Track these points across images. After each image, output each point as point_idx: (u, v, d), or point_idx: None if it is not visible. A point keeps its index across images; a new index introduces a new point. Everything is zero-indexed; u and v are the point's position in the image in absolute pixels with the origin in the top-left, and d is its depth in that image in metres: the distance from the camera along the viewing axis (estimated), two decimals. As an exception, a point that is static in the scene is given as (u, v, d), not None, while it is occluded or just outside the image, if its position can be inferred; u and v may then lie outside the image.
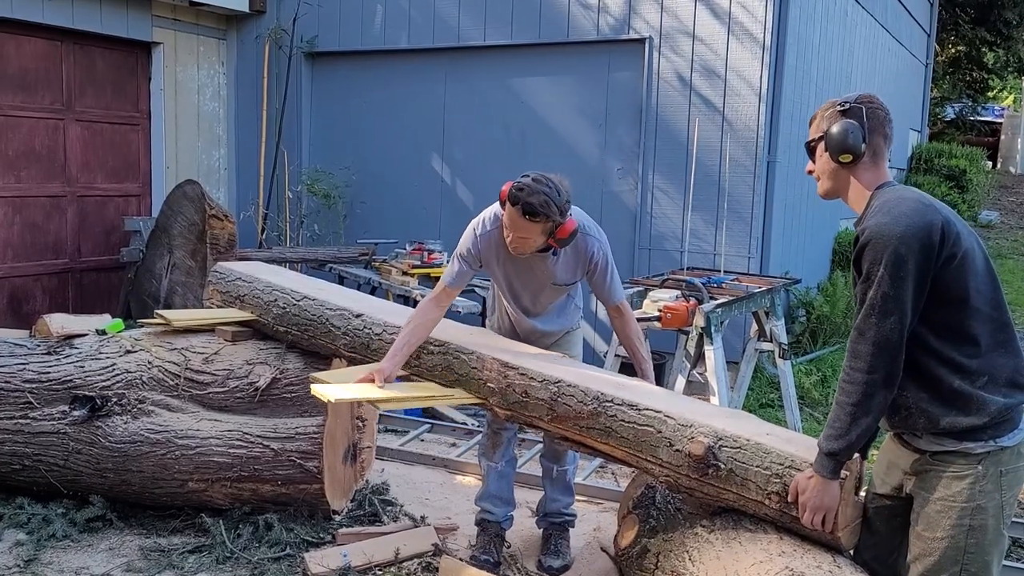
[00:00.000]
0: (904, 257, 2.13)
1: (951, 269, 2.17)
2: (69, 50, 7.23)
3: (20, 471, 3.71)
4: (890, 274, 2.14)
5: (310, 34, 8.05)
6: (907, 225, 2.15)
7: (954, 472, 2.19)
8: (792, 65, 6.87)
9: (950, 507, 2.19)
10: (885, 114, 2.39)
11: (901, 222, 2.16)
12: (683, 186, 6.61)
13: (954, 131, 18.54)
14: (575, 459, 3.67)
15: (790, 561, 2.42)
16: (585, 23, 6.98)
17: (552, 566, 3.50)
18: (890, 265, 2.14)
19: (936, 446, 2.22)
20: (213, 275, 4.06)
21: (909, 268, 2.14)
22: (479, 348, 3.22)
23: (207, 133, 8.39)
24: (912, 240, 2.14)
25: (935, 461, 2.23)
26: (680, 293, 4.84)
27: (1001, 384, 2.19)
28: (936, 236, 2.15)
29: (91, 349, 3.84)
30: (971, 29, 16.83)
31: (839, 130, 2.31)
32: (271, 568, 3.30)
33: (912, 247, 2.14)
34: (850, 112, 2.34)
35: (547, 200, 2.97)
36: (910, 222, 2.16)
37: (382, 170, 7.93)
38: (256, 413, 3.65)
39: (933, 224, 2.16)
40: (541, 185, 2.99)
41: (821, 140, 2.38)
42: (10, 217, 6.96)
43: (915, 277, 2.14)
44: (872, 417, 2.22)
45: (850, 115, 2.34)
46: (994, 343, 2.21)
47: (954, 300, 2.19)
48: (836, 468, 2.30)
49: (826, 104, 2.44)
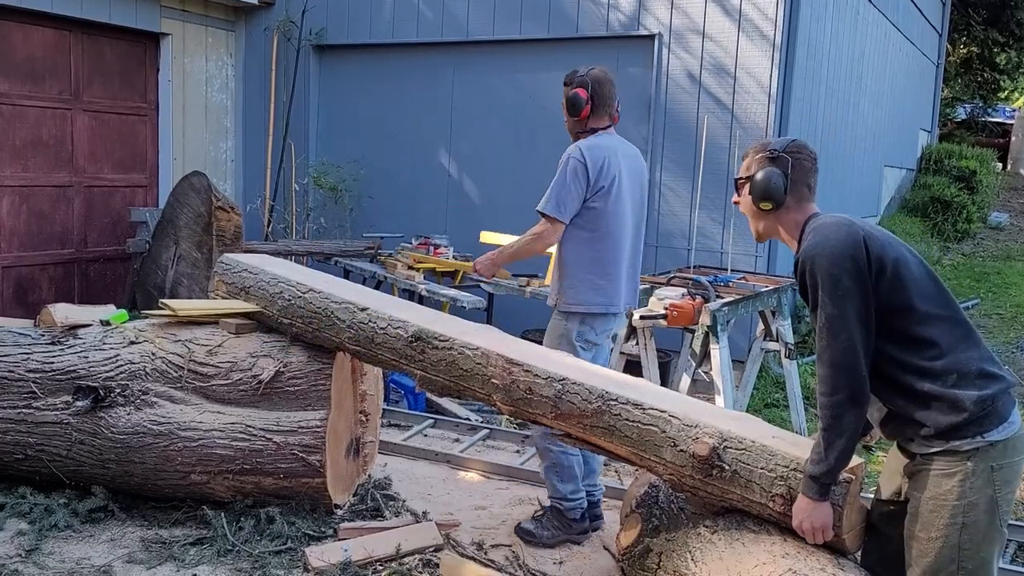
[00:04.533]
0: (837, 276, 2.20)
1: (885, 279, 2.23)
2: (77, 40, 7.22)
3: (23, 461, 3.71)
4: (829, 295, 2.21)
5: (319, 26, 8.03)
6: (833, 245, 2.23)
7: (943, 470, 2.21)
8: (802, 64, 6.83)
9: (942, 506, 2.20)
10: (812, 164, 2.47)
11: (827, 243, 2.24)
12: (691, 184, 6.59)
13: (965, 132, 18.45)
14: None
15: (793, 563, 2.41)
16: (595, 19, 6.95)
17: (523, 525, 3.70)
18: (827, 286, 2.22)
19: (925, 447, 2.25)
20: (219, 266, 4.04)
21: (845, 285, 2.20)
22: (484, 344, 3.21)
23: (214, 125, 8.39)
24: (840, 258, 2.21)
25: (925, 461, 2.25)
26: (686, 291, 4.82)
27: (973, 377, 2.21)
28: (861, 250, 2.22)
29: (95, 340, 3.84)
30: (983, 30, 16.73)
31: (763, 178, 2.41)
32: (272, 561, 3.29)
33: (843, 265, 2.21)
34: (778, 160, 2.42)
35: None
36: (835, 242, 2.23)
37: (389, 164, 7.92)
38: (259, 406, 3.63)
39: (856, 239, 2.23)
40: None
41: (747, 182, 2.47)
42: (17, 206, 6.97)
43: (855, 292, 2.20)
44: (846, 438, 2.25)
45: (777, 163, 2.41)
46: (954, 340, 2.24)
47: (899, 309, 2.24)
48: (821, 490, 2.33)
49: (758, 145, 2.51)
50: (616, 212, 3.59)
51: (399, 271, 6.30)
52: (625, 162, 3.65)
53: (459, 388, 3.27)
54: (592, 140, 3.61)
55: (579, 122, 3.66)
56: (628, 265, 3.70)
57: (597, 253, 3.58)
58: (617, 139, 3.70)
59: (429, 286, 6.04)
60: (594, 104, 3.64)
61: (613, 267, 3.62)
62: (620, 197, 3.60)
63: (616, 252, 3.62)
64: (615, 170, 3.57)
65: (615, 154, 3.60)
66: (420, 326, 3.35)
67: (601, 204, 3.55)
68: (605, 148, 3.58)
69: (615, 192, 3.57)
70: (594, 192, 3.53)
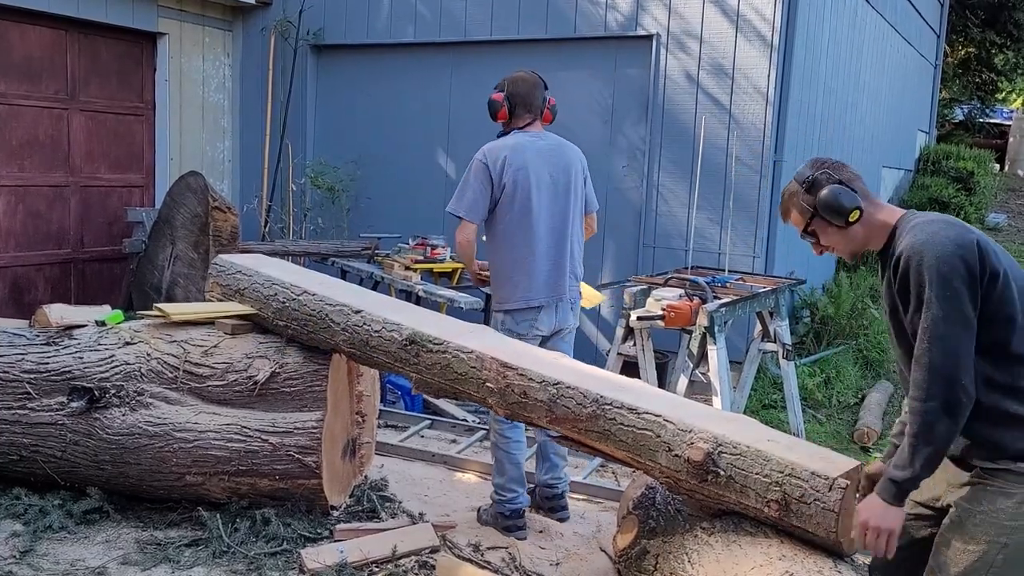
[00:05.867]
0: (948, 276, 2.07)
1: (996, 288, 2.11)
2: (74, 39, 7.21)
3: (17, 462, 3.70)
4: (937, 295, 2.08)
5: (316, 26, 8.02)
6: (943, 243, 2.10)
7: (1002, 489, 2.14)
8: (800, 64, 6.82)
9: (991, 522, 2.13)
10: (842, 166, 2.40)
11: (937, 241, 2.10)
12: (689, 184, 6.58)
13: (962, 133, 18.45)
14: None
15: (790, 565, 2.40)
16: (593, 19, 6.94)
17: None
18: (936, 286, 2.08)
19: (990, 463, 2.17)
20: (213, 268, 4.03)
21: (955, 286, 2.07)
22: (479, 347, 3.20)
23: (211, 125, 8.37)
24: (951, 257, 2.08)
25: (986, 476, 2.18)
26: (684, 292, 4.81)
27: None
28: (974, 253, 2.09)
29: (90, 340, 3.82)
30: (981, 31, 16.74)
31: (829, 197, 2.30)
32: (268, 563, 3.28)
33: (954, 264, 2.08)
34: (816, 181, 2.35)
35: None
36: (945, 240, 2.10)
37: (386, 164, 7.90)
38: (255, 407, 3.62)
39: (969, 240, 2.11)
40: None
41: (814, 219, 2.37)
42: (13, 206, 6.95)
43: (964, 296, 2.08)
44: (935, 448, 2.12)
45: (822, 181, 2.34)
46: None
47: (1001, 320, 2.12)
48: (899, 495, 2.19)
49: (786, 191, 2.45)
50: (524, 209, 3.72)
51: (396, 272, 6.29)
52: (537, 157, 3.75)
53: (454, 391, 3.27)
54: (498, 141, 3.79)
55: (504, 125, 3.87)
56: (550, 257, 3.78)
57: (511, 251, 3.75)
58: (533, 136, 3.81)
59: (426, 287, 6.03)
60: (511, 104, 3.81)
61: (528, 262, 3.73)
62: (526, 194, 3.71)
63: (530, 246, 3.74)
64: (518, 167, 3.68)
65: (521, 151, 3.71)
66: (414, 329, 3.33)
67: (507, 202, 3.70)
68: (509, 147, 3.72)
69: (520, 189, 3.70)
70: (500, 191, 3.69)
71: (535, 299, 3.75)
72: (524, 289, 3.74)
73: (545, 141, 3.84)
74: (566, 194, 3.83)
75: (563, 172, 3.83)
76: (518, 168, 3.69)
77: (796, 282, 5.77)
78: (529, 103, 3.81)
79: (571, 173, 3.85)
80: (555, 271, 3.81)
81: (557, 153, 3.84)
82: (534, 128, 3.84)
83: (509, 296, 3.76)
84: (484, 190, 3.69)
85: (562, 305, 3.84)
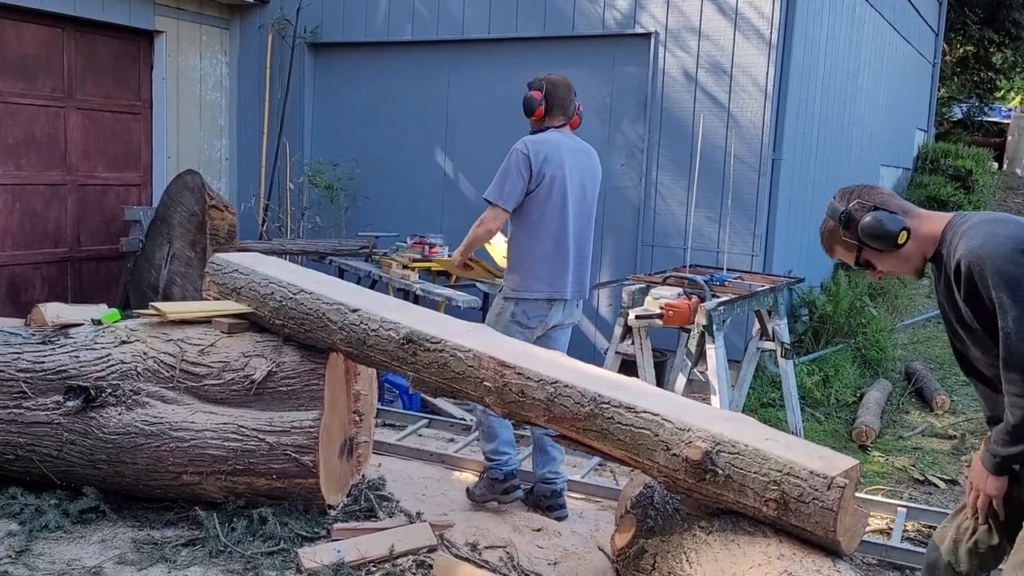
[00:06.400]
0: (1015, 274, 2.10)
1: None
2: (71, 37, 7.19)
3: (13, 461, 3.69)
4: (1010, 296, 2.10)
5: (313, 24, 8.00)
6: (1001, 242, 2.11)
7: None
8: (799, 62, 6.81)
9: None
10: (871, 189, 2.39)
11: (994, 241, 2.12)
12: (687, 183, 6.57)
13: (961, 131, 18.46)
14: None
15: (789, 564, 2.39)
16: (591, 17, 6.93)
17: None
18: (1006, 287, 2.10)
19: None
20: (210, 266, 4.02)
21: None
22: (476, 346, 3.18)
23: (209, 123, 8.36)
24: (1013, 253, 2.10)
25: None
26: (682, 291, 4.81)
27: None
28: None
29: (86, 339, 3.81)
30: (979, 29, 16.73)
31: (874, 226, 2.28)
32: (264, 562, 3.26)
33: (1018, 261, 2.10)
34: (855, 214, 2.32)
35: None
36: (1003, 238, 2.12)
37: (384, 163, 7.89)
38: (252, 406, 3.61)
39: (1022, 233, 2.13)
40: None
41: (863, 250, 2.34)
42: (9, 205, 6.93)
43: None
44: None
45: (859, 213, 2.31)
46: None
47: None
48: (998, 467, 2.29)
49: (824, 230, 2.42)
50: (557, 204, 3.83)
51: (394, 270, 6.28)
52: (571, 157, 3.89)
53: (452, 390, 3.25)
54: (538, 136, 3.90)
55: (535, 122, 3.96)
56: (573, 256, 3.91)
57: (536, 242, 3.84)
58: (567, 136, 3.96)
59: (424, 285, 6.02)
60: (548, 105, 3.93)
61: (552, 256, 3.85)
62: (562, 190, 3.84)
63: (557, 242, 3.86)
64: (556, 163, 3.82)
65: (559, 149, 3.85)
66: (412, 328, 3.32)
67: (543, 195, 3.80)
68: (549, 143, 3.85)
69: (556, 184, 3.82)
70: (537, 183, 3.78)
71: (552, 293, 3.87)
72: (543, 281, 3.85)
73: (578, 144, 3.99)
74: (592, 197, 4.01)
75: (591, 175, 4.00)
76: (557, 164, 3.82)
77: (794, 281, 5.77)
78: (565, 106, 3.96)
79: (596, 177, 4.04)
80: (579, 268, 3.96)
81: (587, 157, 4.01)
82: (566, 130, 3.98)
83: (523, 286, 3.84)
84: (522, 181, 3.78)
85: (578, 301, 4.02)
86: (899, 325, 8.65)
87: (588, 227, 3.99)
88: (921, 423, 6.27)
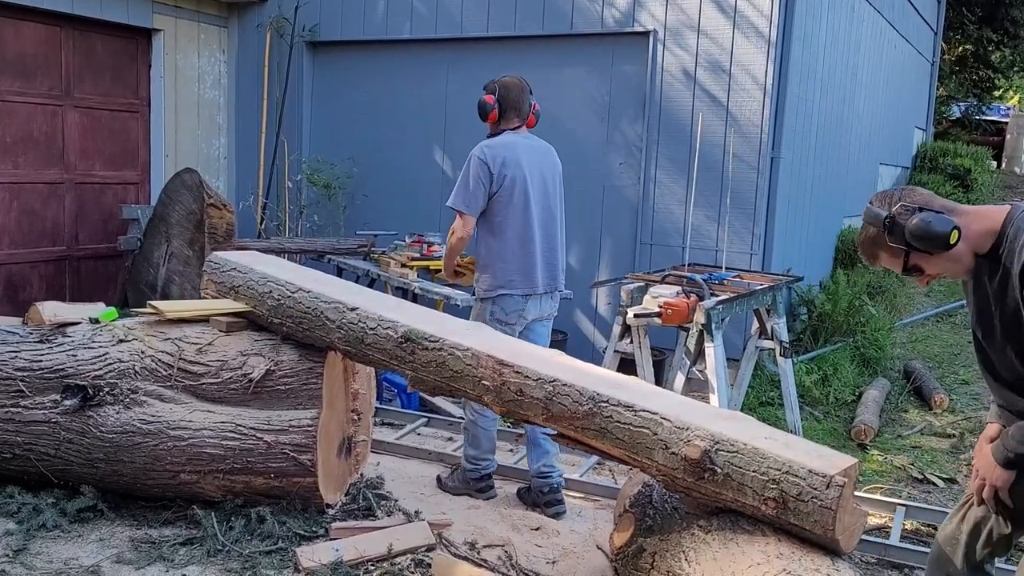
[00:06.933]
0: None
1: None
2: (68, 36, 7.17)
3: (11, 460, 3.68)
4: None
5: (312, 23, 7.99)
6: None
7: None
8: (798, 60, 6.81)
9: None
10: (912, 190, 2.32)
11: None
12: (686, 181, 6.56)
13: (959, 130, 18.45)
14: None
15: (788, 563, 2.39)
16: (590, 16, 6.92)
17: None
18: None
19: None
20: (208, 265, 4.01)
21: None
22: (474, 344, 3.18)
23: (207, 121, 8.35)
24: None
25: None
26: (681, 289, 4.80)
27: None
28: None
29: (84, 338, 3.80)
30: (977, 28, 16.73)
31: (923, 229, 2.20)
32: (263, 561, 3.26)
33: None
34: (900, 218, 2.24)
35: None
36: None
37: (383, 161, 7.88)
38: (250, 405, 3.60)
39: None
40: None
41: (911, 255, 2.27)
42: (7, 203, 6.92)
43: None
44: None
45: (904, 216, 2.24)
46: None
47: None
48: (1008, 462, 2.32)
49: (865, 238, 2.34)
50: (520, 204, 3.97)
51: (392, 269, 6.27)
52: (528, 156, 4.03)
53: (450, 388, 3.25)
54: (494, 140, 4.03)
55: (491, 125, 4.11)
56: (541, 252, 4.04)
57: (504, 243, 3.98)
58: (523, 136, 4.09)
59: (422, 284, 6.01)
60: (502, 108, 4.06)
61: (521, 254, 3.99)
62: (524, 189, 3.97)
63: (523, 241, 4.00)
64: (515, 165, 3.95)
65: (516, 150, 3.98)
66: (410, 326, 3.32)
67: (506, 197, 3.94)
68: (505, 146, 3.98)
69: (518, 185, 3.95)
70: (498, 186, 3.92)
71: (525, 288, 4.00)
72: (515, 278, 3.99)
73: (534, 142, 4.13)
74: (554, 192, 4.14)
75: (551, 171, 4.14)
76: (515, 166, 3.95)
77: (793, 279, 5.76)
78: (519, 107, 4.07)
79: (556, 173, 4.18)
80: (549, 262, 4.09)
81: (545, 154, 4.15)
82: (521, 131, 4.10)
83: (496, 285, 3.98)
84: (483, 187, 3.92)
85: (553, 294, 4.14)
86: (898, 324, 8.65)
87: (553, 222, 4.11)
88: (920, 422, 6.27)
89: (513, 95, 4.05)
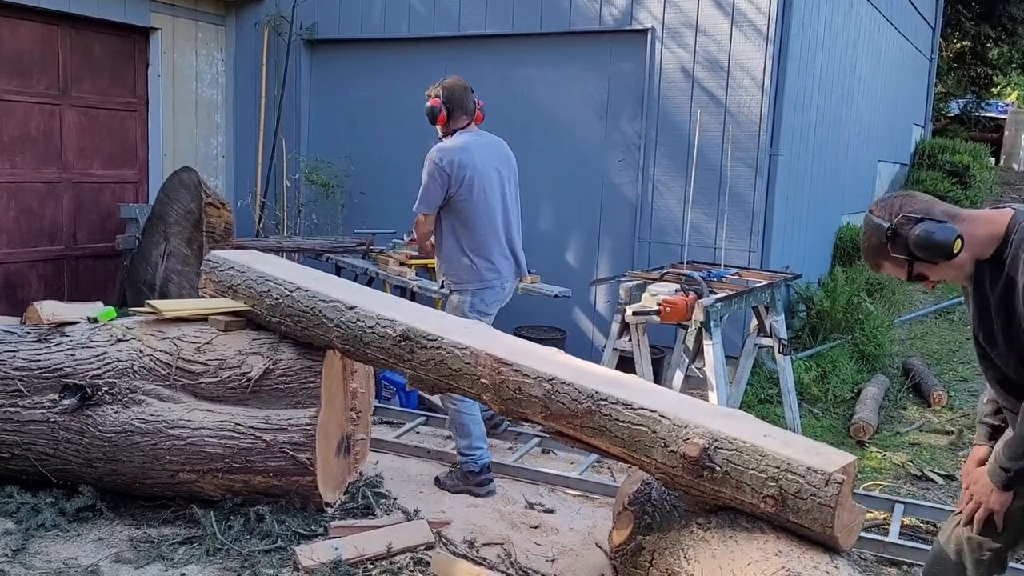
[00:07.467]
0: None
1: None
2: (66, 34, 7.16)
3: (9, 460, 3.68)
4: None
5: (310, 21, 7.98)
6: None
7: None
8: (796, 57, 6.80)
9: None
10: (912, 197, 2.30)
11: None
12: (684, 179, 6.56)
13: (958, 127, 18.46)
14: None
15: (787, 561, 2.39)
16: (587, 13, 6.91)
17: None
18: None
19: None
20: (206, 264, 4.01)
21: None
22: (473, 343, 3.18)
23: (205, 120, 8.33)
24: None
25: None
26: (680, 287, 4.80)
27: None
28: None
29: (82, 337, 3.80)
30: (975, 25, 16.72)
31: (926, 240, 2.19)
32: (262, 560, 3.26)
33: None
34: (902, 229, 2.22)
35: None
36: None
37: (381, 159, 7.87)
38: (248, 404, 3.60)
39: None
40: None
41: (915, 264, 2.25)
42: (5, 202, 6.91)
43: None
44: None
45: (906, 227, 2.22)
46: None
47: None
48: (1007, 482, 2.28)
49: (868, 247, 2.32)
50: (480, 200, 4.20)
51: (391, 267, 6.26)
52: (481, 153, 4.23)
53: (449, 387, 3.25)
54: (447, 142, 4.23)
55: (442, 127, 4.29)
56: (504, 242, 4.32)
57: (473, 238, 4.22)
58: (474, 135, 4.29)
59: (421, 282, 6.01)
60: (448, 109, 4.24)
61: (485, 247, 4.24)
62: (481, 186, 4.19)
63: (485, 234, 4.24)
64: (470, 165, 4.16)
65: (468, 150, 4.18)
66: (408, 325, 3.32)
67: (464, 196, 4.16)
68: (458, 147, 4.18)
69: (476, 184, 4.17)
70: (457, 187, 4.14)
71: (500, 278, 4.28)
72: (490, 270, 4.26)
73: (486, 139, 4.34)
74: (510, 183, 4.39)
75: (505, 165, 4.37)
76: (471, 166, 4.16)
77: (792, 276, 5.76)
78: (465, 106, 4.26)
79: (510, 165, 4.42)
80: (511, 251, 4.37)
81: (497, 148, 4.37)
82: (471, 129, 4.29)
83: (475, 277, 4.24)
84: (441, 190, 4.18)
85: (514, 280, 4.46)
86: (897, 321, 8.65)
87: (510, 213, 4.36)
88: (918, 419, 6.28)
89: (457, 95, 4.23)
